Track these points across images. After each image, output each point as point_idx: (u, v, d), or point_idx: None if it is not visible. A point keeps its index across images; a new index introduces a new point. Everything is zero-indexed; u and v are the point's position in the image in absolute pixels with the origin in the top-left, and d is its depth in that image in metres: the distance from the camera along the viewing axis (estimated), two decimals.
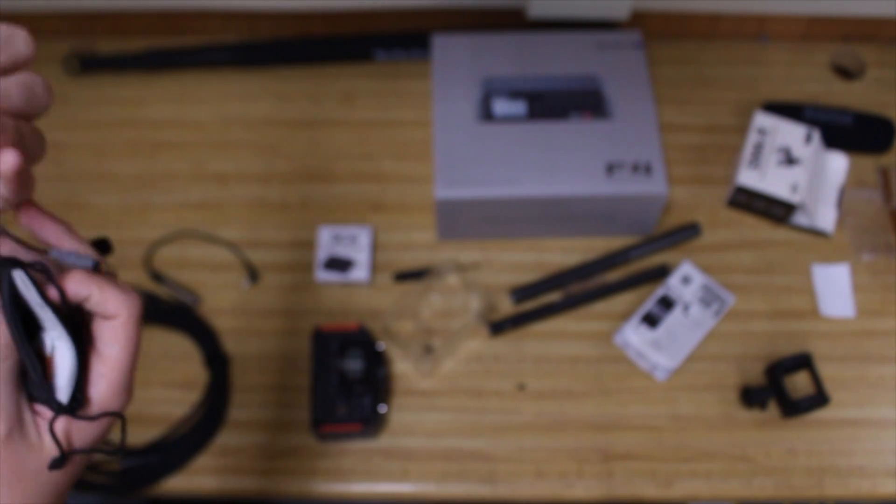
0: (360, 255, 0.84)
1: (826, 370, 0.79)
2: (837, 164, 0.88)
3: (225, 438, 0.78)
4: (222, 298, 0.84)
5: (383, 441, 0.77)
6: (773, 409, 0.78)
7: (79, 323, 0.37)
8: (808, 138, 0.85)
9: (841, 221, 0.87)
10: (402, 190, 0.89)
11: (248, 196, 0.89)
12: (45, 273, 0.35)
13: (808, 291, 0.84)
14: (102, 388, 0.37)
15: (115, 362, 0.37)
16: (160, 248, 0.86)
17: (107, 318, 0.37)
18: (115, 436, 0.39)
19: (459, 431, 0.78)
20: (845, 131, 0.90)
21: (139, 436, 0.77)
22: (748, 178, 0.83)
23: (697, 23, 0.96)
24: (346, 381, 0.76)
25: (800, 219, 0.86)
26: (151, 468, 0.75)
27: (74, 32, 0.98)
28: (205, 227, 0.87)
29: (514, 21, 0.94)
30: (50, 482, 0.36)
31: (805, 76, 0.96)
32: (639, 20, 0.95)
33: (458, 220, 0.83)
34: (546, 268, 0.85)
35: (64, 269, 0.37)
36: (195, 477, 0.76)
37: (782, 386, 0.77)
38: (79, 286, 0.36)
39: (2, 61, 0.33)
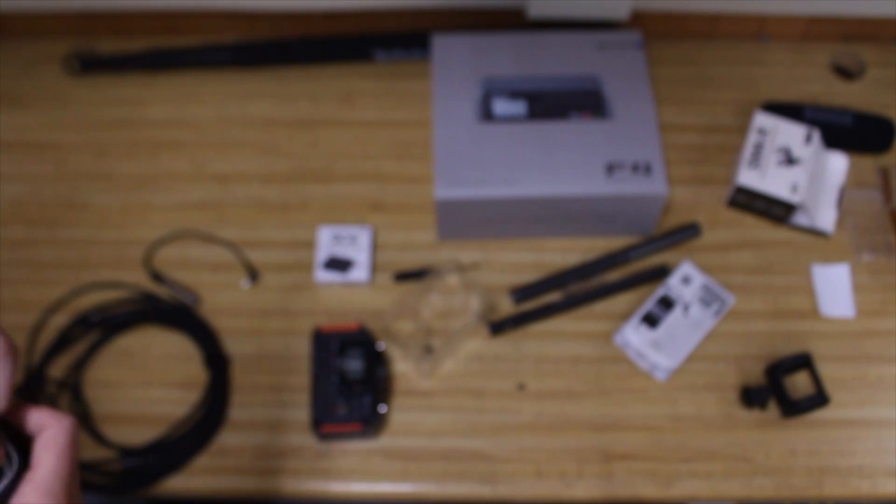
0: (360, 255, 0.84)
1: (826, 370, 0.79)
2: (837, 164, 0.88)
3: (225, 438, 0.77)
4: (222, 298, 0.84)
5: (383, 441, 0.77)
6: (773, 409, 0.78)
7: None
8: (808, 138, 0.85)
9: (841, 221, 0.87)
10: (402, 190, 0.89)
11: (248, 196, 0.89)
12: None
13: (808, 291, 0.84)
14: (25, 490, 0.39)
15: (44, 470, 0.39)
16: (160, 248, 0.86)
17: (41, 429, 0.41)
18: None
19: (459, 431, 0.78)
20: (845, 131, 0.90)
21: (139, 436, 0.77)
22: (748, 178, 0.83)
23: (697, 23, 0.96)
24: (346, 381, 0.76)
25: (800, 219, 0.86)
26: (151, 468, 0.75)
27: (74, 32, 0.98)
28: (205, 227, 0.87)
29: (514, 21, 0.94)
30: None
31: (805, 76, 0.96)
32: (639, 20, 0.95)
33: (458, 220, 0.83)
34: (546, 268, 0.85)
35: None
36: (195, 477, 0.76)
37: (782, 386, 0.77)
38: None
39: None
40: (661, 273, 0.83)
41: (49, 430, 0.41)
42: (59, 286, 0.84)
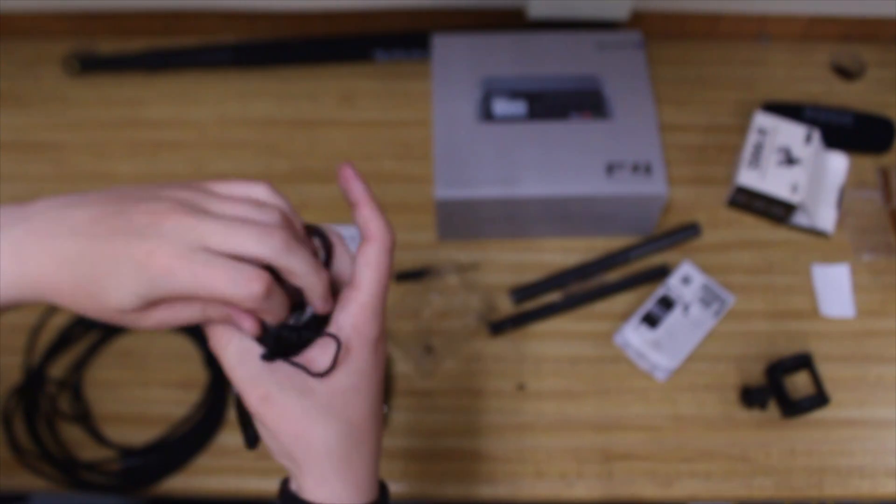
0: None
1: (826, 370, 0.79)
2: (837, 164, 0.88)
3: (225, 438, 0.77)
4: None
5: (383, 441, 0.77)
6: (773, 409, 0.78)
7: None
8: (808, 138, 0.85)
9: (841, 221, 0.87)
10: (402, 190, 0.89)
11: None
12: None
13: (808, 291, 0.84)
14: (353, 311, 0.41)
15: (366, 286, 0.41)
16: None
17: (366, 240, 0.43)
18: None
19: (459, 431, 0.78)
20: (845, 131, 0.90)
21: (139, 436, 0.77)
22: (748, 178, 0.83)
23: (697, 23, 0.96)
24: None
25: (800, 219, 0.86)
26: (151, 468, 0.75)
27: (74, 32, 0.98)
28: None
29: (514, 21, 0.94)
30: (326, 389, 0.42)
31: (805, 76, 0.96)
32: (639, 20, 0.95)
33: (458, 220, 0.83)
34: (546, 268, 0.85)
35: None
36: (195, 477, 0.76)
37: (782, 386, 0.76)
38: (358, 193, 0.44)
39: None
40: (661, 273, 0.83)
41: (371, 244, 0.43)
42: None
